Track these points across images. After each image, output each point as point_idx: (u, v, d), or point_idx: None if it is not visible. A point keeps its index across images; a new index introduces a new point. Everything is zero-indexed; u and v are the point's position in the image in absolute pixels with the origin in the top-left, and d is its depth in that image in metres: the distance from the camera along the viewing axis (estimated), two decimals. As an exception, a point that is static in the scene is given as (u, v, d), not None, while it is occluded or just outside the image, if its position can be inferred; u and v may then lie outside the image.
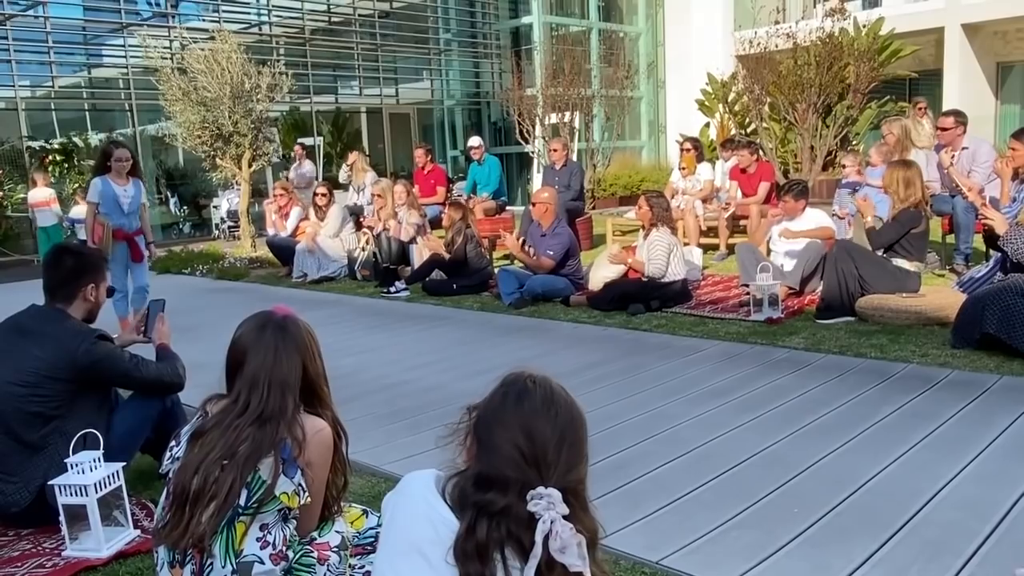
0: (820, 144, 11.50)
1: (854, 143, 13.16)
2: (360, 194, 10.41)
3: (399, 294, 7.69)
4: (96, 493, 2.66)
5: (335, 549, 2.07)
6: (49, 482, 2.72)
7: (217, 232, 14.45)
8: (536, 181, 13.47)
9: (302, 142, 13.69)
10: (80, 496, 2.65)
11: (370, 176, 10.53)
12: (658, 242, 6.34)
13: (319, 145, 15.48)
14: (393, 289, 7.73)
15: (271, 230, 9.80)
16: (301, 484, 1.96)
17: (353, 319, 6.82)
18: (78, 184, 12.57)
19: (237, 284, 9.24)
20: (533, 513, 1.32)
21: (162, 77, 11.19)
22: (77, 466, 2.68)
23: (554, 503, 1.32)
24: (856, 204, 6.25)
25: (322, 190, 9.37)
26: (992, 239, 5.55)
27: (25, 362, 2.87)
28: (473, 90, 18.83)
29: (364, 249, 8.77)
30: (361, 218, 9.65)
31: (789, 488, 2.99)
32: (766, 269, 5.85)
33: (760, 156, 9.19)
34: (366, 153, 11.59)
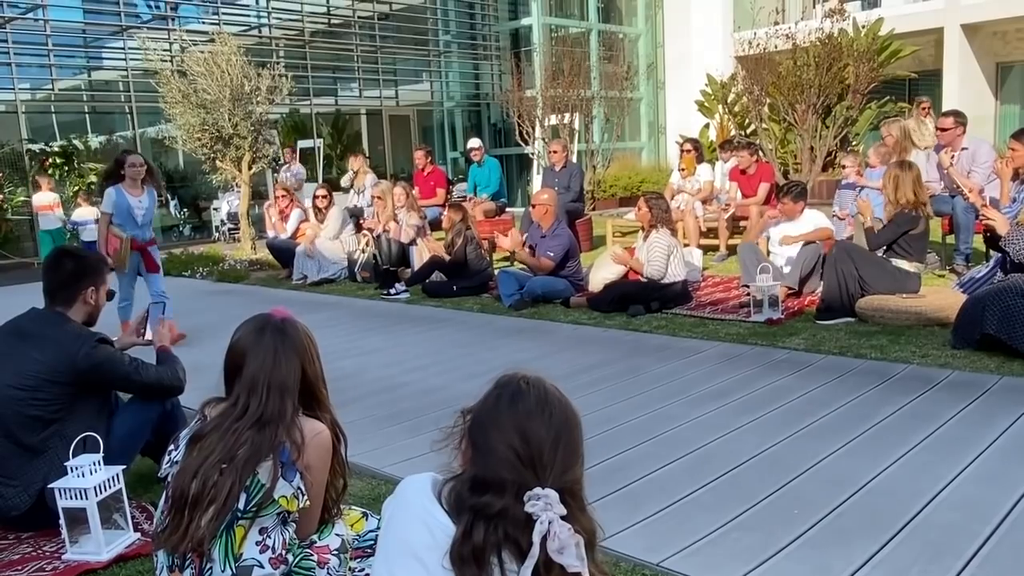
0: (820, 145, 11.49)
1: (854, 144, 13.15)
2: (360, 196, 10.42)
3: (399, 296, 7.68)
4: (96, 496, 2.66)
5: (335, 552, 2.06)
6: (49, 485, 2.72)
7: (217, 234, 14.46)
8: (536, 183, 13.47)
9: (292, 145, 13.68)
10: (80, 499, 2.65)
11: (370, 178, 10.54)
12: (657, 243, 6.34)
13: (319, 147, 15.48)
14: (393, 291, 7.73)
15: (271, 232, 9.79)
16: (300, 487, 1.96)
17: (353, 321, 6.82)
18: (78, 187, 12.58)
19: (237, 286, 9.24)
20: (530, 514, 1.32)
21: (162, 80, 11.21)
22: (77, 469, 2.67)
23: (551, 504, 1.32)
24: (857, 205, 6.26)
25: (322, 192, 9.36)
26: (993, 240, 5.54)
27: (25, 365, 2.87)
28: (473, 92, 18.83)
29: (364, 251, 8.76)
30: (361, 220, 9.65)
31: (789, 489, 2.99)
32: (766, 270, 5.85)
33: (760, 157, 9.18)
34: (366, 155, 11.57)
